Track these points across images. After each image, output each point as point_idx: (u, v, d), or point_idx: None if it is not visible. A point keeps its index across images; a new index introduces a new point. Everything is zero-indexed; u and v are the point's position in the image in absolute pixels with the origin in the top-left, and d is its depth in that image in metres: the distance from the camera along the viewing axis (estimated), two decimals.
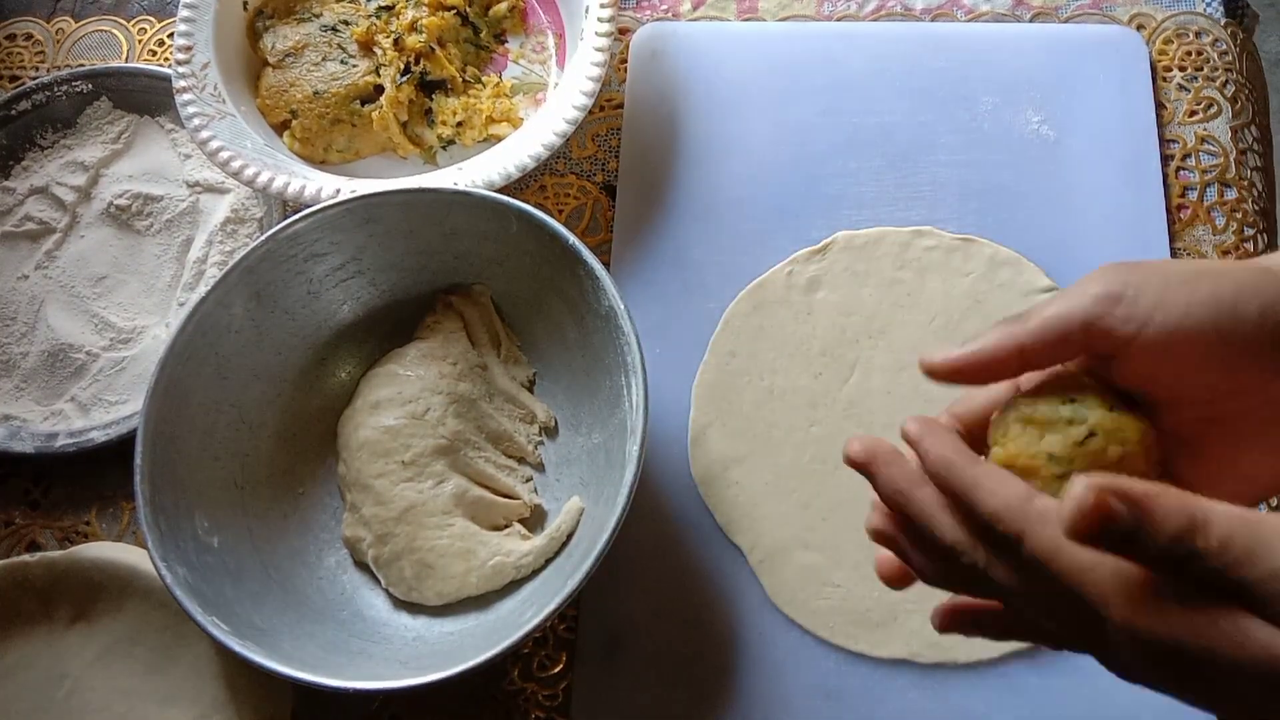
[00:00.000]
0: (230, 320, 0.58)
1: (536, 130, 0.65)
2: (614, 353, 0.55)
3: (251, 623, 0.53)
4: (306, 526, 0.60)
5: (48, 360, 0.68)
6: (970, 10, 0.71)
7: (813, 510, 0.59)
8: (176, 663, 0.58)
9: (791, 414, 0.61)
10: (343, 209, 0.59)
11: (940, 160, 0.67)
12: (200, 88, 0.67)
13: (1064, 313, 0.37)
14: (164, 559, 0.52)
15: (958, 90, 0.68)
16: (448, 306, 0.63)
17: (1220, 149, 0.66)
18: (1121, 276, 0.37)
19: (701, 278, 0.65)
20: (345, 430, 0.60)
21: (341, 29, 0.71)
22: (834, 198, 0.66)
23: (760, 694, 0.56)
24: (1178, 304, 0.36)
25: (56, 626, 0.60)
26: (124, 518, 0.65)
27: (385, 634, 0.57)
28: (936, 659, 0.56)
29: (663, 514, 0.60)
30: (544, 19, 0.74)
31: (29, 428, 0.66)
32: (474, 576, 0.57)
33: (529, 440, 0.62)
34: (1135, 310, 0.36)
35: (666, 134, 0.69)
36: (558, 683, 0.58)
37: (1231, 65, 0.68)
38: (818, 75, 0.70)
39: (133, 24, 0.79)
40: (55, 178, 0.72)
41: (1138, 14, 0.70)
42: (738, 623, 0.58)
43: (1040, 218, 0.65)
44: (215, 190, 0.71)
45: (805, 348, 0.63)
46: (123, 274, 0.70)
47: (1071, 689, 0.55)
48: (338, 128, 0.69)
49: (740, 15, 0.73)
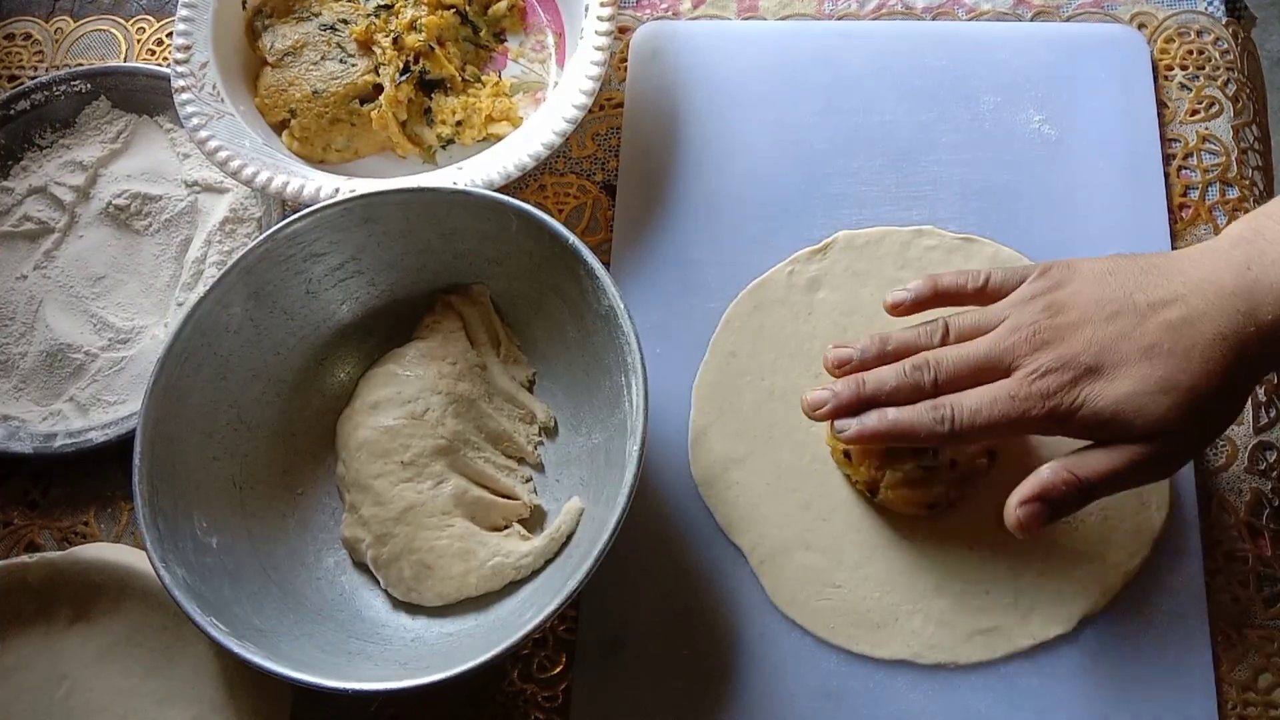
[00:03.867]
0: (229, 320, 0.58)
1: (536, 129, 0.65)
2: (614, 353, 0.55)
3: (250, 623, 0.53)
4: (305, 527, 0.60)
5: (46, 360, 0.68)
6: (971, 9, 0.71)
7: (813, 511, 0.59)
8: (175, 663, 0.58)
9: (792, 414, 0.61)
10: (342, 208, 0.59)
11: (941, 159, 0.67)
12: (199, 87, 0.67)
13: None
14: (163, 559, 0.52)
15: (959, 89, 0.68)
16: (447, 306, 0.63)
17: (1222, 148, 0.66)
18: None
19: (702, 277, 0.65)
20: (344, 430, 0.60)
21: (340, 28, 0.71)
22: (835, 197, 0.66)
23: (761, 695, 0.56)
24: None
25: (55, 627, 0.59)
26: (123, 518, 0.65)
27: (384, 635, 0.57)
28: (937, 660, 0.56)
29: (663, 514, 0.60)
30: (543, 18, 0.74)
31: (28, 428, 0.66)
32: (473, 577, 0.56)
33: (529, 440, 0.62)
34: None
35: (666, 133, 0.69)
36: (557, 684, 0.58)
37: (1233, 64, 0.68)
38: (818, 74, 0.70)
39: (131, 23, 0.78)
40: (54, 177, 0.72)
41: (1139, 13, 0.69)
42: (738, 623, 0.58)
43: (1041, 217, 0.64)
44: (214, 190, 0.71)
45: (806, 347, 0.63)
46: (121, 274, 0.70)
47: (1071, 689, 0.55)
48: (337, 127, 0.69)
49: (740, 14, 0.73)
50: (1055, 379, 0.50)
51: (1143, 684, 0.54)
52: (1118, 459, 0.49)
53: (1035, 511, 0.50)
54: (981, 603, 0.56)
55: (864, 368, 0.55)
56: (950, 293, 0.56)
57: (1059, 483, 0.50)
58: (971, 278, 0.55)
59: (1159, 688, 0.54)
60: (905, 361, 0.54)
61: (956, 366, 0.53)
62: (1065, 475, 0.50)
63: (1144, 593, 0.56)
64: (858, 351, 0.55)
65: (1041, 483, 0.50)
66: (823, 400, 0.55)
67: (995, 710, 0.55)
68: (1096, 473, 0.50)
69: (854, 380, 0.54)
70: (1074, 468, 0.50)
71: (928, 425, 0.52)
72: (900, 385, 0.53)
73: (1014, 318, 0.52)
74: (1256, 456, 0.59)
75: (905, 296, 0.56)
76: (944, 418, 0.51)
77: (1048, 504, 0.50)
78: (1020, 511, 0.50)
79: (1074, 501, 0.50)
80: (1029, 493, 0.50)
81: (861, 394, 0.54)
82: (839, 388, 0.55)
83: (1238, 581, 0.57)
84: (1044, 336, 0.51)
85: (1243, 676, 0.55)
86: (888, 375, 0.54)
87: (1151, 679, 0.55)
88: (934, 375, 0.53)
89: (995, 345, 0.52)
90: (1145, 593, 0.56)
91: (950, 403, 0.52)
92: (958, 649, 0.56)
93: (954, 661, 0.56)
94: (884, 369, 0.54)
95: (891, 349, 0.55)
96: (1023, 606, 0.56)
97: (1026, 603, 0.56)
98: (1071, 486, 0.50)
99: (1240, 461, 0.59)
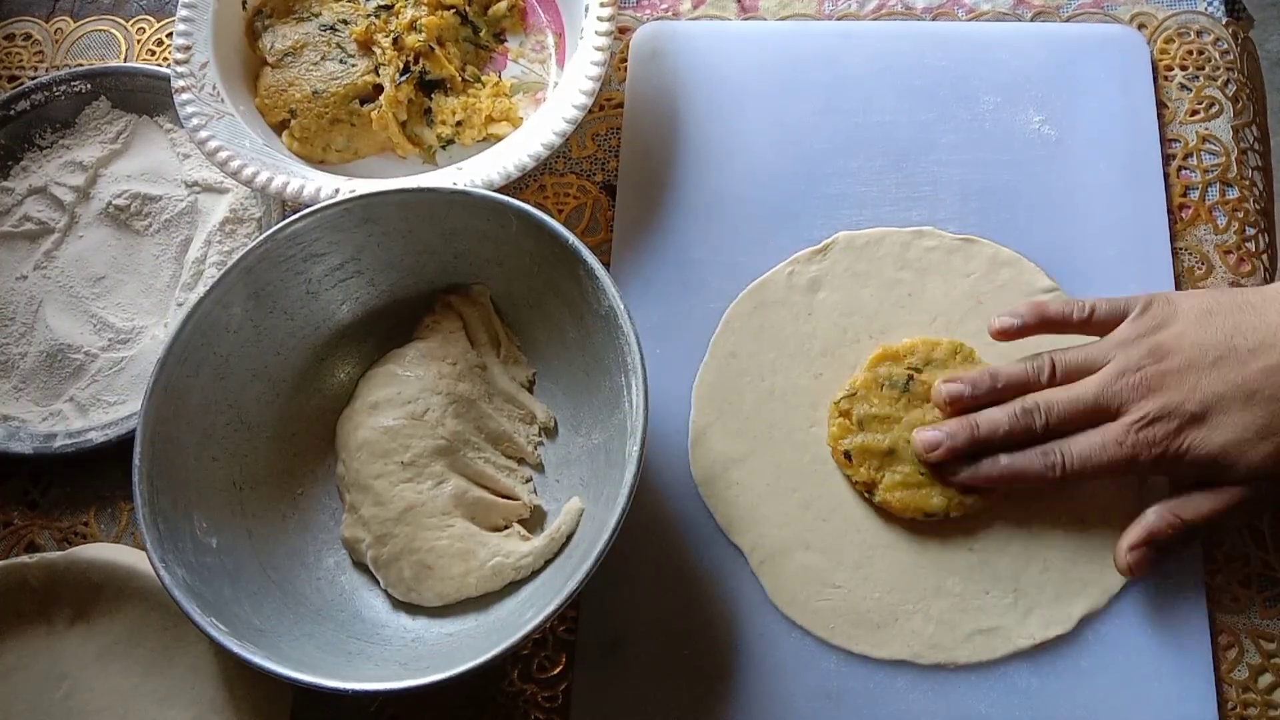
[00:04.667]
0: (229, 320, 0.58)
1: (536, 129, 0.65)
2: (614, 353, 0.55)
3: (250, 623, 0.53)
4: (305, 527, 0.60)
5: (46, 361, 0.68)
6: (971, 9, 0.71)
7: (813, 511, 0.59)
8: (175, 663, 0.58)
9: (792, 414, 0.61)
10: (341, 209, 0.59)
11: (941, 160, 0.67)
12: (199, 87, 0.67)
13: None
14: (162, 560, 0.52)
15: (959, 90, 0.68)
16: (447, 306, 0.63)
17: (1222, 148, 0.66)
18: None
19: (702, 278, 0.65)
20: (344, 431, 0.60)
21: (340, 28, 0.71)
22: (834, 197, 0.66)
23: (761, 695, 0.56)
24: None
25: (55, 627, 0.59)
26: (122, 518, 0.65)
27: (384, 635, 0.57)
28: (937, 660, 0.56)
29: (663, 515, 0.60)
30: (543, 18, 0.74)
31: (27, 428, 0.66)
32: (473, 577, 0.56)
33: (528, 441, 0.62)
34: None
35: (666, 133, 0.69)
36: (557, 684, 0.58)
37: (1233, 64, 0.68)
38: (818, 74, 0.70)
39: (131, 24, 0.78)
40: (54, 178, 0.72)
41: (1139, 13, 0.69)
42: (738, 624, 0.58)
43: (1041, 218, 0.64)
44: (214, 190, 0.71)
45: (806, 348, 0.63)
46: (121, 274, 0.70)
47: (1072, 690, 0.55)
48: (337, 127, 0.69)
49: (740, 14, 0.73)
50: (1162, 427, 0.52)
51: (1143, 684, 0.54)
52: (1218, 502, 0.52)
53: (1144, 557, 0.53)
54: (981, 603, 0.56)
55: (975, 404, 0.57)
56: (1056, 321, 0.57)
57: (1165, 527, 0.53)
58: (1078, 309, 0.57)
59: (1159, 688, 0.54)
60: (1016, 404, 0.55)
61: (1066, 411, 0.54)
62: (1170, 519, 0.53)
63: (1144, 593, 0.56)
64: (969, 387, 0.57)
65: (1149, 527, 0.53)
66: (938, 442, 0.56)
67: (995, 710, 0.55)
68: (1199, 515, 0.53)
69: (968, 423, 0.56)
70: (1179, 511, 0.53)
71: (1039, 471, 0.54)
72: (1014, 429, 0.55)
73: (1119, 360, 0.54)
74: None
75: (1013, 324, 0.58)
76: (1054, 465, 0.54)
77: (1155, 547, 0.53)
78: (1130, 557, 0.54)
79: (1179, 543, 0.53)
80: (1137, 538, 0.53)
81: (976, 437, 0.56)
82: (953, 428, 0.56)
83: (1238, 581, 0.57)
84: (1150, 384, 0.53)
85: (1243, 676, 0.55)
86: (1000, 419, 0.55)
87: (1151, 679, 0.55)
88: (1045, 420, 0.55)
89: (1103, 390, 0.54)
90: (1145, 593, 0.56)
91: (1060, 450, 0.54)
92: (958, 649, 0.56)
93: (954, 661, 0.56)
94: (995, 411, 0.56)
95: (1002, 385, 0.57)
96: (1023, 606, 0.56)
97: (1026, 603, 0.56)
98: (1177, 530, 0.53)
99: None
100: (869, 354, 0.61)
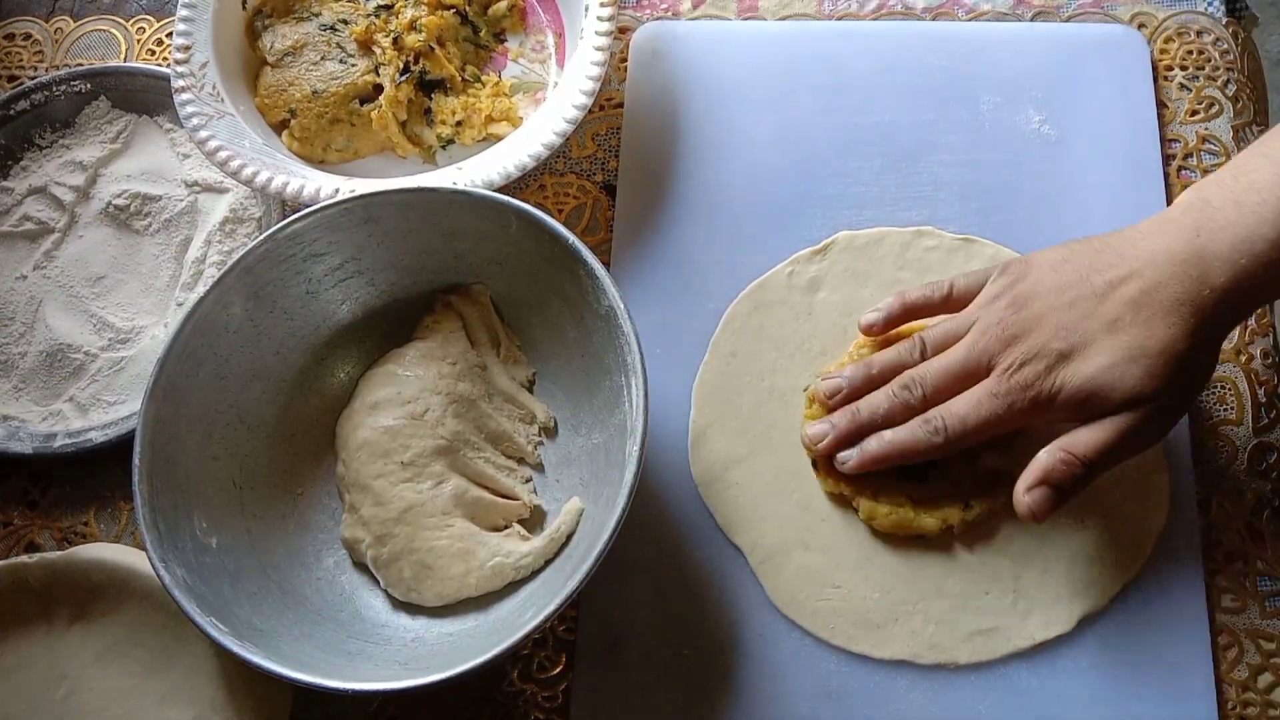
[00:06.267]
0: (229, 320, 0.58)
1: (536, 129, 0.65)
2: (614, 353, 0.55)
3: (250, 623, 0.53)
4: (305, 527, 0.60)
5: (46, 360, 0.68)
6: (971, 9, 0.71)
7: (813, 511, 0.59)
8: (175, 663, 0.58)
9: (792, 414, 0.61)
10: (341, 209, 0.59)
11: (941, 160, 0.67)
12: (199, 87, 0.67)
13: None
14: (162, 560, 0.52)
15: (959, 89, 0.68)
16: (447, 306, 0.63)
17: (1222, 148, 0.66)
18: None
19: (702, 278, 0.65)
20: (344, 430, 0.60)
21: (340, 28, 0.71)
22: (834, 197, 0.66)
23: (760, 695, 0.56)
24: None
25: (55, 627, 0.59)
26: (122, 518, 0.65)
27: (384, 635, 0.57)
28: (937, 660, 0.56)
29: (663, 515, 0.60)
30: (543, 18, 0.74)
31: (27, 428, 0.66)
32: (473, 577, 0.56)
33: (528, 440, 0.62)
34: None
35: (666, 134, 0.69)
36: (557, 684, 0.58)
37: (1233, 64, 0.68)
38: (818, 74, 0.70)
39: (131, 23, 0.78)
40: (54, 177, 0.72)
41: (1139, 13, 0.69)
42: (738, 624, 0.58)
43: (1041, 218, 0.64)
44: (214, 190, 0.71)
45: (806, 348, 0.63)
46: (121, 274, 0.70)
47: (1071, 689, 0.55)
48: (337, 127, 0.69)
49: (740, 14, 0.73)
50: (1031, 370, 0.52)
51: (1143, 684, 0.55)
52: (1107, 431, 0.51)
53: (1043, 496, 0.51)
54: (981, 603, 0.56)
55: (854, 393, 0.57)
56: (919, 306, 0.58)
57: (1057, 464, 0.51)
58: (936, 288, 0.58)
59: (1159, 688, 0.54)
60: (892, 383, 0.56)
61: (939, 378, 0.55)
62: (1062, 455, 0.51)
63: (1144, 593, 0.56)
64: (845, 380, 0.58)
65: (1042, 467, 0.52)
66: (823, 434, 0.57)
67: (995, 710, 0.55)
68: (1091, 448, 0.51)
69: (849, 411, 0.57)
70: (1068, 447, 0.51)
71: (924, 440, 0.54)
72: (893, 407, 0.55)
73: (982, 319, 0.54)
74: (1256, 457, 0.59)
75: (876, 317, 0.59)
76: (937, 429, 0.54)
77: (1053, 487, 0.51)
78: (1028, 499, 0.52)
79: (1077, 481, 0.51)
80: (1032, 479, 0.52)
81: (859, 422, 0.56)
82: (836, 419, 0.57)
83: (1238, 581, 0.57)
84: (1012, 331, 0.53)
85: (1243, 676, 0.55)
86: (879, 400, 0.56)
87: (1151, 679, 0.55)
88: (921, 391, 0.55)
89: (970, 349, 0.54)
90: (1145, 593, 0.56)
91: (940, 414, 0.54)
92: (958, 649, 0.56)
93: (954, 661, 0.56)
94: (875, 395, 0.57)
95: (876, 371, 0.57)
96: (1023, 606, 0.56)
97: (1026, 603, 0.56)
98: (1071, 465, 0.51)
99: (1240, 462, 0.59)
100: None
